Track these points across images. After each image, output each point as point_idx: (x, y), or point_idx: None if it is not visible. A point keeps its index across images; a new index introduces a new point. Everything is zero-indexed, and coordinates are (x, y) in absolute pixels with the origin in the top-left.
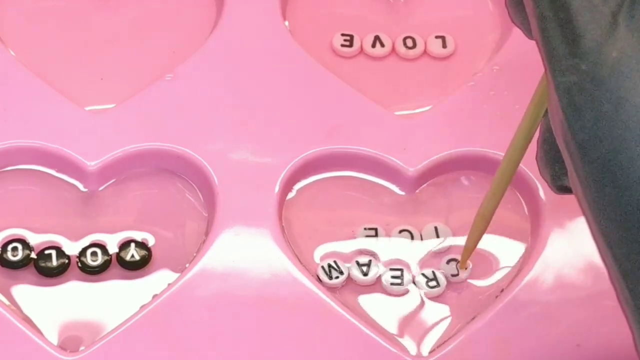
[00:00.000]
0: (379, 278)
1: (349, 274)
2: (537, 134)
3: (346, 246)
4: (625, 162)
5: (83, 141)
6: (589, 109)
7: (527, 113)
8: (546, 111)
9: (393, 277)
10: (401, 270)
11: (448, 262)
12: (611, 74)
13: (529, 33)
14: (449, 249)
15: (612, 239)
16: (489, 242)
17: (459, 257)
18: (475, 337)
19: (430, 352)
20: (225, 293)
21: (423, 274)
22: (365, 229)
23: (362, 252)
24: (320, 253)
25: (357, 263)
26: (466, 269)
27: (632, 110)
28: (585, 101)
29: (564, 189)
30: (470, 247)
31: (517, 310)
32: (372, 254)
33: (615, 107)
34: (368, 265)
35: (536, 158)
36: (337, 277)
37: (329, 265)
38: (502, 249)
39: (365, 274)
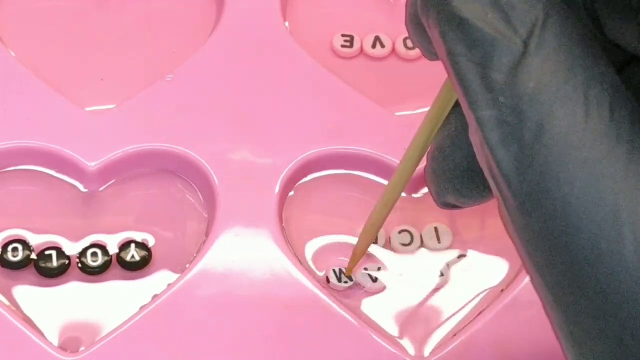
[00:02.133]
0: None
1: (355, 280)
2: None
3: (346, 246)
4: (551, 189)
5: (83, 141)
6: (512, 141)
7: (424, 122)
8: (439, 129)
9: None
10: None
11: (459, 256)
12: (530, 104)
13: (430, 55)
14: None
15: (541, 266)
16: (490, 242)
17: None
18: (475, 337)
19: (431, 352)
20: (225, 293)
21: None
22: None
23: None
24: (320, 253)
25: (366, 269)
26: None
27: (553, 137)
28: (508, 133)
29: (448, 205)
30: (358, 256)
31: (517, 310)
32: (376, 260)
33: (536, 135)
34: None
35: (424, 171)
36: (345, 282)
37: (340, 270)
38: (503, 249)
39: (375, 280)
